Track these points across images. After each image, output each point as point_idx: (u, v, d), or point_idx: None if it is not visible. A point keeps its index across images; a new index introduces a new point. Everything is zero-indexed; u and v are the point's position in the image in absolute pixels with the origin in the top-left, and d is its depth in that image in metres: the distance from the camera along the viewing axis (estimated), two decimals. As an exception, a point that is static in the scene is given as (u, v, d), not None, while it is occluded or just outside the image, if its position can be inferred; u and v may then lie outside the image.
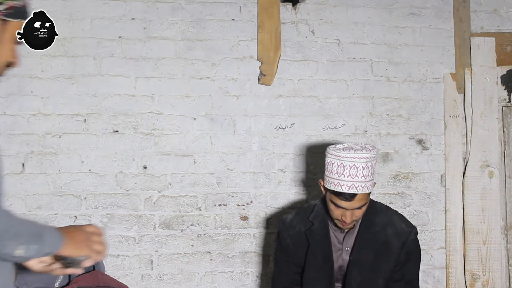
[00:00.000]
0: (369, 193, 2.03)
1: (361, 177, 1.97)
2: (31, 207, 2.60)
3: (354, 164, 1.97)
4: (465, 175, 2.88)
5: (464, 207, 2.87)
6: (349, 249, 2.12)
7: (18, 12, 1.50)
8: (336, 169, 1.99)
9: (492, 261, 2.83)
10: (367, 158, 1.98)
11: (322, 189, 2.09)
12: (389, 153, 2.88)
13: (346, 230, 2.12)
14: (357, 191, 1.96)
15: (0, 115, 2.60)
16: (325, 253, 2.12)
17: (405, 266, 2.14)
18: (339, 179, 1.98)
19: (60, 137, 2.63)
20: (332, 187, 1.99)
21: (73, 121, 2.65)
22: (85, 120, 2.65)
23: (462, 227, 2.86)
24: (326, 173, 2.04)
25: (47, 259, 1.37)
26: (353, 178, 1.96)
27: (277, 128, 2.80)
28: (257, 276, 2.77)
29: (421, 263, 2.79)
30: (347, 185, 1.96)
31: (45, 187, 2.61)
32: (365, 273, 2.07)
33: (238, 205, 2.75)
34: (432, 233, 2.87)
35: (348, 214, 2.00)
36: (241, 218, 2.75)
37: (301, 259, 2.14)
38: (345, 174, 1.97)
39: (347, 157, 1.98)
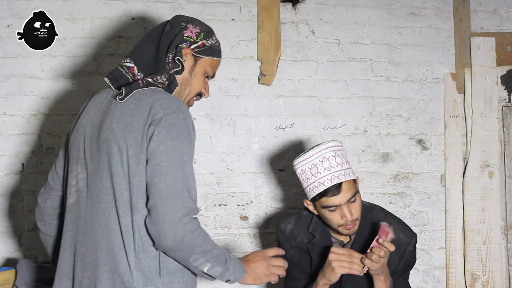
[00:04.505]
0: (356, 183, 1.93)
1: (336, 166, 1.88)
2: (31, 207, 2.59)
3: (323, 157, 1.89)
4: (465, 175, 2.88)
5: (464, 207, 2.87)
6: None
7: (208, 49, 1.69)
8: (310, 172, 1.91)
9: (492, 261, 2.83)
10: (333, 146, 1.92)
11: (311, 208, 1.98)
12: (389, 153, 2.88)
13: (345, 242, 2.03)
14: (340, 180, 1.87)
15: (0, 115, 2.60)
16: None
17: (398, 275, 2.03)
18: (317, 179, 1.89)
19: (60, 137, 2.63)
20: (316, 192, 1.89)
21: (73, 121, 2.64)
22: (85, 120, 2.65)
23: (462, 227, 2.86)
24: (305, 185, 1.94)
25: None
26: (329, 170, 1.88)
27: (277, 128, 2.80)
28: (257, 276, 2.77)
29: (421, 263, 2.82)
30: (327, 178, 1.87)
31: (45, 187, 2.61)
32: (359, 285, 1.97)
33: (238, 205, 2.75)
34: (432, 233, 2.88)
35: (346, 211, 1.89)
36: (241, 218, 2.75)
37: (309, 268, 2.06)
38: (321, 171, 1.88)
39: (313, 154, 1.91)
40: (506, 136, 2.96)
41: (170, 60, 1.63)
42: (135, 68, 1.65)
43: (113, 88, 1.66)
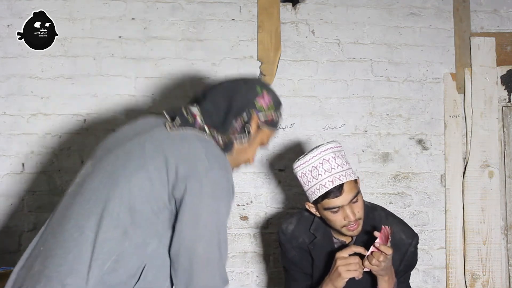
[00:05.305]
0: (357, 183, 1.93)
1: (337, 168, 1.89)
2: (31, 207, 2.60)
3: (323, 159, 1.90)
4: (465, 175, 2.88)
5: (464, 207, 2.87)
6: None
7: (273, 122, 1.64)
8: (311, 174, 1.90)
9: (492, 261, 2.83)
10: (332, 148, 1.92)
11: (313, 210, 1.98)
12: (389, 153, 2.88)
13: (346, 242, 2.03)
14: (341, 181, 1.87)
15: (0, 115, 2.60)
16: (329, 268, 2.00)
17: (399, 276, 2.03)
18: (319, 182, 1.89)
19: (60, 137, 2.63)
20: (318, 194, 1.89)
21: (73, 121, 2.65)
22: (85, 120, 2.66)
23: (462, 227, 2.86)
24: (306, 188, 1.93)
25: None
26: (330, 172, 1.88)
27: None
28: (257, 276, 2.77)
29: (421, 263, 2.81)
30: (328, 180, 1.87)
31: (45, 187, 2.61)
32: (362, 285, 1.96)
33: (238, 205, 2.75)
34: (432, 233, 2.88)
35: (349, 212, 1.89)
36: (241, 218, 2.75)
37: (309, 268, 2.07)
38: (321, 173, 1.89)
39: (312, 157, 1.91)
40: (506, 136, 2.96)
41: (237, 126, 1.56)
42: (199, 116, 1.55)
43: (167, 117, 1.56)
